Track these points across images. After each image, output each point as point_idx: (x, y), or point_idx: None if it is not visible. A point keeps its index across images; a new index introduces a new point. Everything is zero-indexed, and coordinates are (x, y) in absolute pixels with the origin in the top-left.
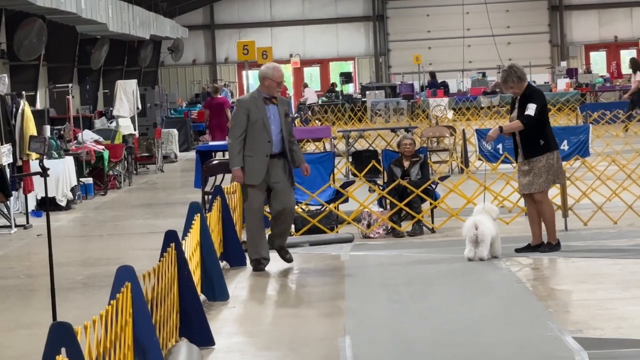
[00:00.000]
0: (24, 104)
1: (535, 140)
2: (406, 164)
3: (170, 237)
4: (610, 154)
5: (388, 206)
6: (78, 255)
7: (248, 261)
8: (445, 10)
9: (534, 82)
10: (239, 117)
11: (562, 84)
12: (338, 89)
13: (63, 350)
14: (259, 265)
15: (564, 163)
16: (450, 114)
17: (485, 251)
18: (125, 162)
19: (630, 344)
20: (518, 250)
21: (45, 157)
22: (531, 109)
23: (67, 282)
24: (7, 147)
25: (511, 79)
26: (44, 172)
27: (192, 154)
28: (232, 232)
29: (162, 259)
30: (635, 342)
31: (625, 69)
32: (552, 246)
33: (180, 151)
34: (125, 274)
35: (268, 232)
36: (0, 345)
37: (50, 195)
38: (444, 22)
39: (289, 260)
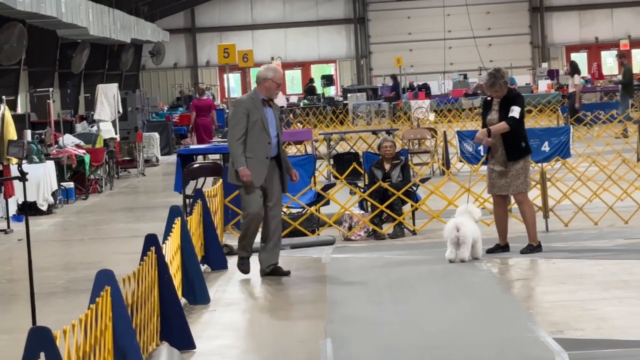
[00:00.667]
0: (4, 109)
1: (518, 143)
2: (387, 166)
3: (151, 241)
4: (590, 155)
5: (369, 208)
6: (59, 259)
7: (229, 264)
8: (427, 12)
9: (516, 83)
10: (239, 117)
11: (543, 85)
12: (319, 91)
13: (42, 355)
14: (244, 265)
15: (545, 164)
16: (431, 116)
17: (466, 253)
18: (107, 166)
19: (610, 344)
20: (489, 251)
21: (25, 161)
22: (516, 112)
23: (48, 287)
24: None
25: (498, 84)
26: (22, 177)
27: (173, 158)
28: (213, 235)
29: (142, 262)
30: (615, 343)
31: (607, 70)
32: (534, 248)
33: (161, 155)
34: (104, 278)
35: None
36: None
37: (31, 199)
38: (425, 24)
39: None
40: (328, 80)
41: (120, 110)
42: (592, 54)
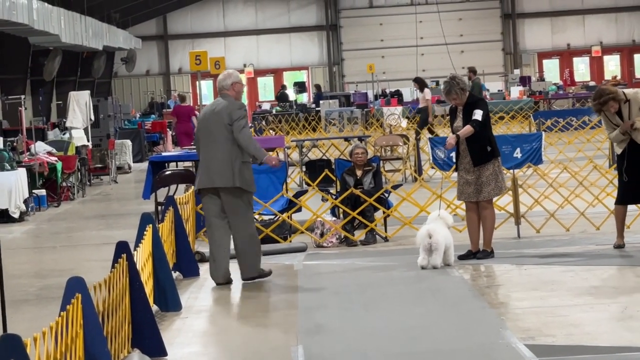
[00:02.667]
0: None
1: (483, 147)
2: (359, 172)
3: (122, 248)
4: (562, 162)
5: (341, 215)
6: (31, 267)
7: (201, 271)
8: (399, 19)
9: (488, 90)
10: (247, 118)
11: (516, 91)
12: (292, 98)
13: None
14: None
15: (516, 171)
16: (404, 123)
17: (438, 259)
18: (79, 173)
19: (581, 350)
20: (461, 258)
21: None
22: (478, 114)
23: (20, 294)
24: None
25: (454, 91)
26: None
27: (146, 165)
28: (184, 242)
29: (113, 270)
30: (586, 349)
31: (579, 76)
32: (487, 253)
33: (134, 162)
34: (75, 285)
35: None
36: None
37: (2, 207)
38: (397, 31)
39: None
40: (300, 87)
41: (92, 118)
42: (564, 61)
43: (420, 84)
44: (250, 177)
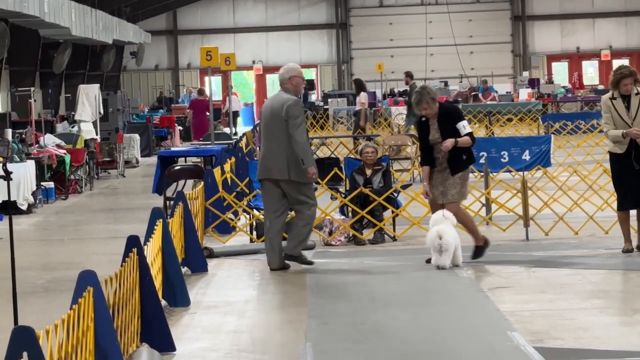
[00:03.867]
0: None
1: (460, 155)
2: (368, 172)
3: (132, 242)
4: (571, 165)
5: (350, 214)
6: (39, 259)
7: (209, 267)
8: (409, 19)
9: (497, 92)
10: (303, 117)
11: (524, 94)
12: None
13: (25, 354)
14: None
15: (525, 173)
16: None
17: (447, 260)
18: (87, 166)
19: (590, 354)
20: (474, 257)
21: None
22: (466, 126)
23: (28, 287)
24: None
25: (425, 100)
26: (7, 176)
27: (153, 159)
28: (193, 237)
29: (124, 264)
30: (595, 353)
31: (587, 80)
32: (482, 247)
33: (141, 156)
34: (87, 279)
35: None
36: None
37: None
38: (407, 30)
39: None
40: (309, 84)
41: (102, 111)
42: (573, 64)
43: (358, 86)
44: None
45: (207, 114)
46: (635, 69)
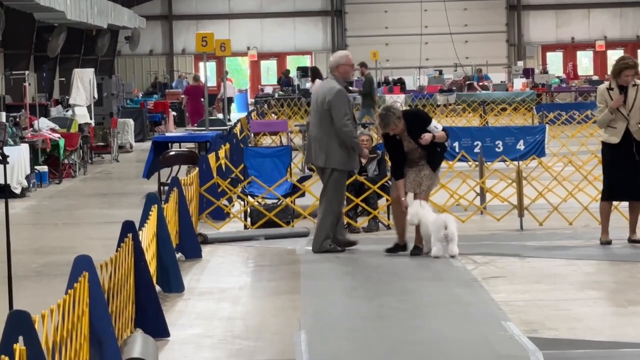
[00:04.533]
0: None
1: (436, 150)
2: (363, 160)
3: (128, 228)
4: (566, 155)
5: (344, 202)
6: (32, 243)
7: (204, 253)
8: (404, 7)
9: (491, 81)
10: (348, 106)
11: (519, 83)
12: (296, 82)
13: (20, 338)
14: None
15: (520, 163)
16: None
17: (455, 248)
18: (81, 151)
19: (584, 345)
20: (388, 251)
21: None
22: (438, 125)
23: (21, 270)
24: None
25: (393, 122)
26: (3, 159)
27: (147, 144)
28: (188, 223)
29: (119, 249)
30: (589, 344)
31: (582, 70)
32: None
33: (135, 141)
34: (83, 264)
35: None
36: None
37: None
38: (402, 19)
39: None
40: (303, 72)
41: (96, 96)
42: (568, 54)
43: (313, 74)
44: (343, 157)
45: (202, 100)
46: (637, 62)
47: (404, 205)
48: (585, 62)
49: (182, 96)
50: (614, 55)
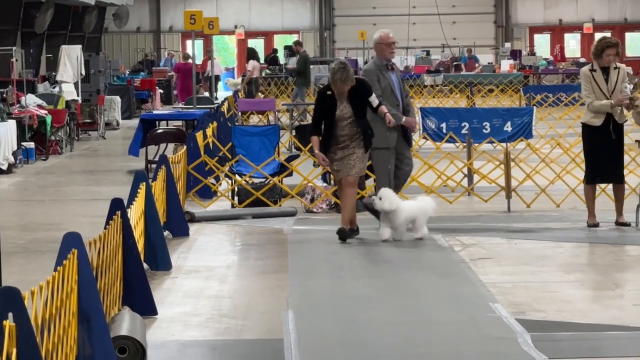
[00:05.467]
0: None
1: (368, 130)
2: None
3: (117, 205)
4: (553, 137)
5: (332, 181)
6: (19, 219)
7: (191, 231)
8: None
9: (480, 64)
10: (373, 85)
11: (506, 65)
12: (282, 61)
13: (10, 315)
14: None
15: (508, 144)
16: None
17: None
18: (68, 127)
19: (572, 327)
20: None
21: None
22: (376, 99)
23: (8, 247)
24: None
25: (351, 78)
26: None
27: (134, 122)
28: (175, 201)
29: (107, 226)
30: (577, 326)
31: (569, 52)
32: (354, 231)
33: (122, 119)
34: (72, 240)
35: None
36: None
37: None
38: None
39: None
40: (291, 51)
41: (83, 73)
42: (556, 36)
43: (248, 53)
44: (376, 135)
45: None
46: (618, 40)
47: (321, 158)
48: (572, 45)
49: (173, 73)
50: (599, 38)
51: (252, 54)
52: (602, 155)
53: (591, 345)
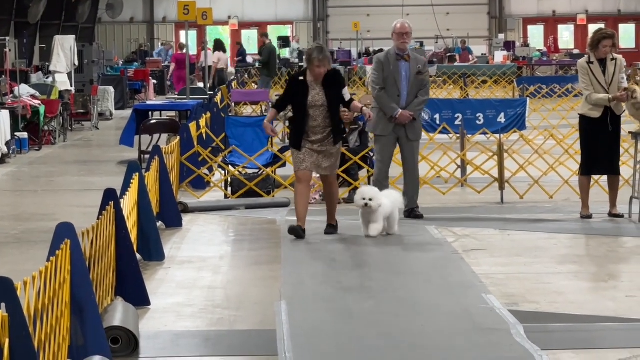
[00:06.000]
0: None
1: (341, 124)
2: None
3: (110, 195)
4: (547, 128)
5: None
6: (12, 209)
7: (184, 222)
8: None
9: (474, 56)
10: (376, 73)
11: (500, 56)
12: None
13: (3, 305)
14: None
15: (501, 136)
16: None
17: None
18: (61, 118)
19: (565, 318)
20: (327, 233)
21: None
22: (348, 93)
23: (1, 237)
24: None
25: (327, 58)
26: None
27: (127, 113)
28: (169, 192)
29: (100, 217)
30: (570, 317)
31: (563, 44)
32: (335, 226)
33: (115, 109)
34: (65, 231)
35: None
36: None
37: None
38: None
39: (420, 216)
40: (284, 41)
41: (77, 63)
42: (549, 27)
43: (215, 45)
44: (376, 122)
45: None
46: (614, 32)
47: (270, 129)
48: (566, 36)
49: (171, 63)
50: (595, 29)
51: (218, 46)
52: (599, 146)
53: (584, 336)
